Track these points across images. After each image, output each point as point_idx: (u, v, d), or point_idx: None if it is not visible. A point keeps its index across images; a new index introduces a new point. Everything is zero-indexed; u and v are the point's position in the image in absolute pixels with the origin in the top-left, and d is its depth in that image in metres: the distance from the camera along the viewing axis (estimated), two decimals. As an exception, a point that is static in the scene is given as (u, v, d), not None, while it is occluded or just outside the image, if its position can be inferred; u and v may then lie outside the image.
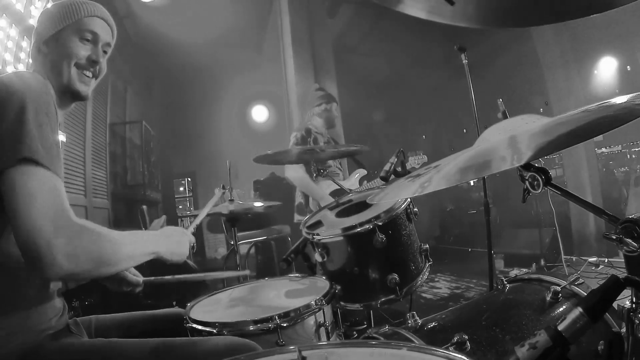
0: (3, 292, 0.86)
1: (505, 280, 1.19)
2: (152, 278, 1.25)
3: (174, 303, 1.44)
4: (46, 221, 0.74)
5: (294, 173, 2.81)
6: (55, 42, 1.05)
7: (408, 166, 2.91)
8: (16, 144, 0.76)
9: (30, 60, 1.12)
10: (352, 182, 3.01)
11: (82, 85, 1.06)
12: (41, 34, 1.06)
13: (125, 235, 0.91)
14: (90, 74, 1.08)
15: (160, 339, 0.97)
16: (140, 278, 1.23)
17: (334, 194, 2.74)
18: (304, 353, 0.63)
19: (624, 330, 0.61)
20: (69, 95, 1.07)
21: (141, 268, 1.25)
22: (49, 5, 3.01)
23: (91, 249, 0.80)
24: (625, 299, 0.61)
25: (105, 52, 1.13)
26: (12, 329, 0.86)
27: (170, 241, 1.05)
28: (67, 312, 1.02)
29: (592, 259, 3.66)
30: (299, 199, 3.00)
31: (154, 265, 1.12)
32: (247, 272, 1.57)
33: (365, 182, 2.98)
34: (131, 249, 0.91)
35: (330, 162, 2.89)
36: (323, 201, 2.66)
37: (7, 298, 0.87)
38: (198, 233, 5.96)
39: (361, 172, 3.01)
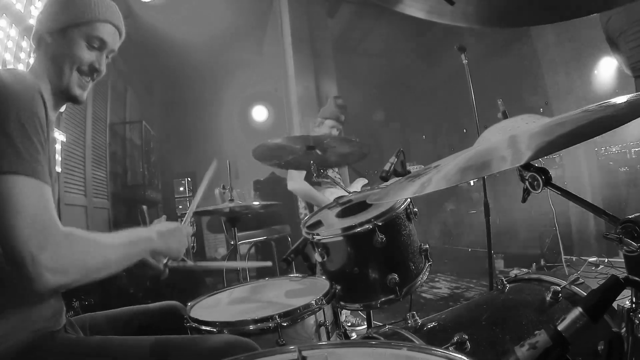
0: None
1: (505, 280, 1.19)
2: (175, 263, 1.23)
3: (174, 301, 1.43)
4: (31, 235, 0.72)
5: (296, 185, 2.79)
6: (62, 37, 1.01)
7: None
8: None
9: (31, 60, 1.11)
10: (354, 189, 3.01)
11: (79, 89, 1.04)
12: (47, 23, 1.01)
13: (115, 237, 0.90)
14: (89, 79, 1.06)
15: (160, 337, 0.97)
16: (161, 262, 1.21)
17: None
18: (304, 353, 0.63)
19: (624, 330, 0.61)
20: (64, 96, 1.04)
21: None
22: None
23: (78, 258, 0.79)
24: (625, 299, 0.61)
25: (107, 57, 1.11)
26: (7, 329, 0.85)
27: (166, 237, 1.03)
28: (64, 312, 1.01)
29: (592, 259, 3.66)
30: (303, 210, 2.98)
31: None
32: (268, 263, 1.52)
33: (369, 189, 2.97)
34: (123, 250, 0.90)
35: (329, 171, 2.87)
36: None
37: (2, 296, 0.85)
38: (198, 233, 5.97)
39: (362, 181, 3.00)
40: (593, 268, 3.49)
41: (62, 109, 1.13)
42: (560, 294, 1.03)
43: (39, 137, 0.80)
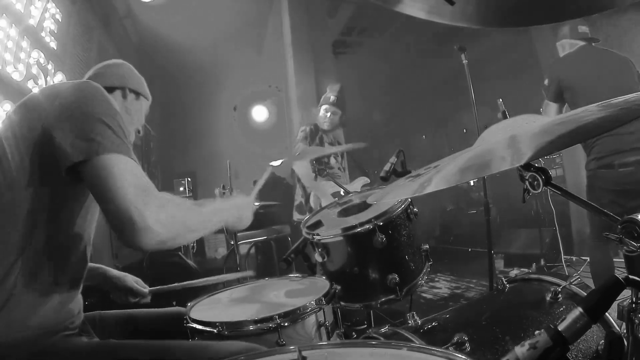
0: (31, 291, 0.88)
1: (505, 280, 1.19)
2: (158, 287, 1.29)
3: (174, 303, 1.44)
4: (136, 194, 0.82)
5: (302, 169, 2.82)
6: (136, 98, 1.27)
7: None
8: (97, 138, 0.84)
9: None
10: (354, 188, 3.01)
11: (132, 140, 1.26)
12: (130, 83, 1.24)
13: (201, 204, 1.00)
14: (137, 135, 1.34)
15: (171, 341, 0.98)
16: (146, 289, 1.26)
17: (335, 195, 2.75)
18: (304, 353, 0.63)
19: (624, 330, 0.61)
20: None
21: (143, 276, 1.27)
22: (49, 5, 3.01)
23: (177, 216, 0.89)
24: (625, 299, 0.61)
25: None
26: (30, 329, 0.87)
27: (237, 211, 1.13)
28: (82, 315, 1.04)
29: (592, 259, 3.65)
30: (299, 198, 3.00)
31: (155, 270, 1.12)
32: (249, 272, 1.60)
33: (369, 188, 2.98)
34: (207, 216, 1.00)
35: (333, 163, 2.89)
36: (326, 198, 2.66)
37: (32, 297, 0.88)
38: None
39: (364, 179, 3.01)
40: (593, 268, 3.48)
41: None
42: (560, 294, 1.03)
43: (120, 126, 0.92)
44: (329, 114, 2.97)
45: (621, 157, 2.09)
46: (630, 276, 0.57)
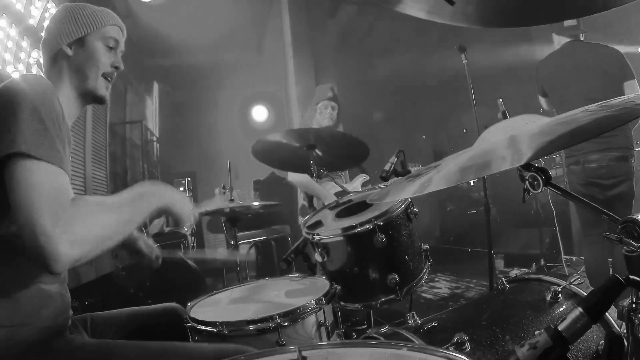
0: (8, 284, 0.86)
1: (505, 280, 1.19)
2: (166, 253, 1.27)
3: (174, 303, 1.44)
4: (48, 215, 0.74)
5: (297, 177, 2.80)
6: (80, 46, 1.09)
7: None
8: (13, 137, 0.78)
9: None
10: (354, 186, 3.00)
11: (104, 90, 1.13)
12: (65, 35, 1.08)
13: (122, 195, 0.91)
14: (110, 80, 1.15)
15: (168, 342, 0.98)
16: (155, 250, 1.28)
17: (338, 195, 2.74)
18: (304, 353, 0.63)
19: (624, 330, 0.61)
20: (89, 98, 1.13)
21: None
22: (49, 5, 3.01)
23: (91, 228, 0.80)
24: (625, 299, 0.61)
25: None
26: (14, 325, 0.86)
27: (177, 198, 1.01)
28: (70, 312, 1.02)
29: (592, 259, 3.65)
30: (302, 201, 2.99)
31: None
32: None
33: (370, 185, 2.97)
34: (132, 207, 0.90)
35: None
36: (328, 201, 2.65)
37: (12, 290, 0.87)
38: (198, 233, 5.96)
39: (363, 177, 2.99)
40: (593, 268, 3.48)
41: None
42: (560, 294, 1.03)
43: (57, 130, 0.85)
44: (328, 110, 2.94)
45: (586, 156, 2.40)
46: (630, 276, 0.57)
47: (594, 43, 2.54)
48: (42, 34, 1.14)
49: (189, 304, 1.25)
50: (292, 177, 2.83)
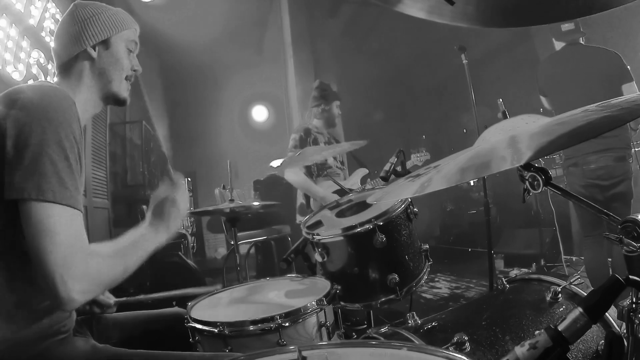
0: (17, 299, 0.86)
1: (505, 280, 1.19)
2: (124, 299, 1.28)
3: (174, 303, 1.44)
4: (62, 261, 0.76)
5: (294, 176, 2.79)
6: (105, 48, 1.08)
7: (410, 164, 2.92)
8: (37, 180, 0.77)
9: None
10: (353, 181, 3.00)
11: (126, 92, 1.13)
12: (90, 36, 1.05)
13: (126, 246, 0.93)
14: (130, 81, 1.15)
15: (172, 353, 0.98)
16: (111, 299, 1.25)
17: (336, 194, 2.74)
18: (304, 353, 0.63)
19: (624, 330, 0.61)
20: (111, 100, 1.12)
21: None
22: (49, 5, 3.00)
23: (101, 277, 0.84)
24: (625, 299, 0.61)
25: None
26: (21, 332, 0.86)
27: (157, 222, 1.03)
28: (74, 316, 1.03)
29: (592, 259, 3.65)
30: (300, 199, 2.99)
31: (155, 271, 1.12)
32: (218, 287, 1.51)
33: (369, 180, 2.97)
34: (132, 259, 0.92)
35: (331, 161, 2.88)
36: (325, 201, 2.65)
37: (21, 304, 0.87)
38: (198, 233, 5.96)
39: (363, 171, 2.99)
40: (593, 268, 3.47)
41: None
42: (560, 294, 1.03)
43: (76, 156, 0.85)
44: (324, 109, 2.96)
45: (584, 158, 2.43)
46: (630, 276, 0.57)
47: (593, 46, 2.56)
48: (54, 35, 1.11)
49: (189, 304, 1.25)
50: (289, 176, 2.83)
